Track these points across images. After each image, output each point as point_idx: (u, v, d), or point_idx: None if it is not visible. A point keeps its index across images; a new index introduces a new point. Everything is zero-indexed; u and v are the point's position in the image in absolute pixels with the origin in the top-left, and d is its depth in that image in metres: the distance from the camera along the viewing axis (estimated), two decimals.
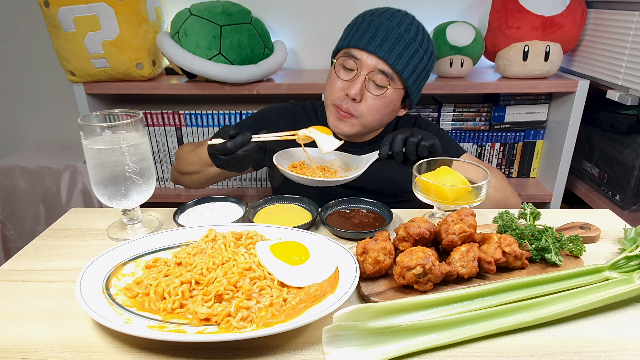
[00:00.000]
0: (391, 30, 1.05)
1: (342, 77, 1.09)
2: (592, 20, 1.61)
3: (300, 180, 0.92)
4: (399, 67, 1.06)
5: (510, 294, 0.66)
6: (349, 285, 0.64)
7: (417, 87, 1.12)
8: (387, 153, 0.92)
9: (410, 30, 1.07)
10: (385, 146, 0.92)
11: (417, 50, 1.07)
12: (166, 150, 1.80)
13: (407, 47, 1.06)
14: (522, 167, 1.90)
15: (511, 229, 0.80)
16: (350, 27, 1.12)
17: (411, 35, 1.06)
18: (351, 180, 0.93)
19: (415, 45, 1.06)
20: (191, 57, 1.50)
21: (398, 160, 0.93)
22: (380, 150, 0.93)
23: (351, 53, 1.07)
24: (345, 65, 1.09)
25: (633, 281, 0.68)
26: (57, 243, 0.86)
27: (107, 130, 0.81)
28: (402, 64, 1.06)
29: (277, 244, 0.74)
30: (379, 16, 1.07)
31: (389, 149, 0.92)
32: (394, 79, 1.07)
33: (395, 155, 0.92)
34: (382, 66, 1.05)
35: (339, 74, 1.10)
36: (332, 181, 0.92)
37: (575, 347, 0.60)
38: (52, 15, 1.48)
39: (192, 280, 0.66)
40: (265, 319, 0.60)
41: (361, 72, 1.06)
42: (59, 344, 0.60)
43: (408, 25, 1.07)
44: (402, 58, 1.05)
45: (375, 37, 1.05)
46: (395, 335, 0.58)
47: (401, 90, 1.10)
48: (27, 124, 2.03)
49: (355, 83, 1.07)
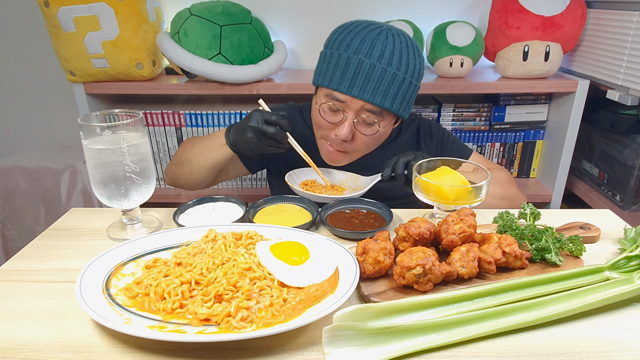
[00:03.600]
0: (373, 69, 0.97)
1: (329, 120, 1.05)
2: (592, 20, 1.61)
3: (306, 196, 1.00)
4: (387, 105, 1.00)
5: (510, 294, 0.66)
6: (349, 285, 0.64)
7: (408, 108, 1.07)
8: (390, 175, 0.98)
9: (392, 60, 0.98)
10: (387, 169, 0.98)
11: (403, 80, 1.00)
12: (166, 150, 1.80)
13: (393, 82, 0.99)
14: (522, 167, 1.90)
15: (511, 229, 0.80)
16: (327, 62, 1.03)
17: (394, 66, 0.98)
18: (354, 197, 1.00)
19: (401, 75, 0.99)
20: (191, 57, 1.50)
21: (400, 182, 0.98)
22: (383, 172, 0.99)
23: (334, 96, 1.01)
24: (330, 108, 1.03)
25: (633, 281, 0.68)
26: (57, 243, 0.86)
27: (107, 130, 0.81)
28: (389, 101, 1.00)
29: (277, 244, 0.74)
30: (356, 51, 0.98)
31: (391, 171, 0.97)
32: (382, 114, 1.03)
33: (398, 177, 0.97)
34: (369, 107, 1.00)
35: (325, 117, 1.05)
36: (335, 198, 0.99)
37: (575, 347, 0.60)
38: (52, 15, 1.48)
39: (192, 280, 0.66)
40: (265, 319, 0.59)
41: (348, 115, 1.02)
42: (59, 344, 0.60)
43: (390, 55, 0.98)
44: (388, 95, 1.00)
45: (357, 79, 0.98)
46: (396, 336, 0.58)
47: (393, 118, 1.07)
48: (27, 124, 2.03)
49: (344, 125, 1.02)
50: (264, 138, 0.99)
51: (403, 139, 1.23)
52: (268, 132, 0.97)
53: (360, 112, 1.02)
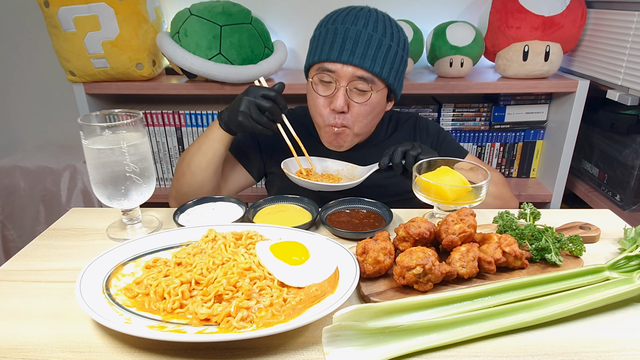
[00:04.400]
0: (359, 35, 1.01)
1: (322, 94, 1.07)
2: (592, 20, 1.61)
3: (303, 184, 0.99)
4: (377, 70, 1.03)
5: (510, 294, 0.66)
6: (349, 285, 0.64)
7: (398, 81, 1.10)
8: (387, 164, 0.98)
9: (377, 28, 1.02)
10: (385, 157, 0.98)
11: (390, 47, 1.03)
12: (166, 150, 1.80)
13: (380, 47, 1.02)
14: (522, 167, 1.90)
15: (511, 229, 0.80)
16: (316, 40, 1.08)
17: (380, 32, 1.02)
18: (351, 186, 0.99)
19: (387, 42, 1.03)
20: (191, 57, 1.50)
21: (397, 171, 0.97)
22: (381, 161, 0.98)
23: (325, 67, 1.04)
24: (322, 79, 1.06)
25: (633, 281, 0.67)
26: (57, 243, 0.86)
27: (107, 130, 0.81)
28: (379, 66, 1.03)
29: (277, 244, 0.74)
30: (342, 22, 1.03)
31: (389, 160, 0.97)
32: (374, 82, 1.04)
33: (395, 166, 0.96)
34: (360, 73, 1.02)
35: (318, 91, 1.07)
36: (333, 186, 0.99)
37: (575, 347, 0.60)
38: (52, 15, 1.48)
39: (192, 280, 0.66)
40: (265, 319, 0.59)
41: (340, 84, 1.03)
42: (59, 344, 0.60)
43: (374, 23, 1.02)
44: (377, 59, 1.02)
45: (345, 45, 1.01)
46: (395, 336, 0.58)
47: (384, 90, 1.09)
48: (27, 124, 2.03)
49: (338, 96, 1.04)
50: (257, 113, 0.98)
51: (399, 135, 1.23)
52: (263, 106, 0.98)
53: (352, 80, 1.03)
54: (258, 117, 0.98)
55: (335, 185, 0.99)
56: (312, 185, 0.99)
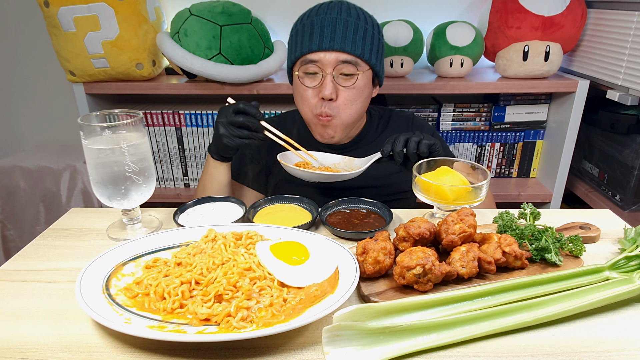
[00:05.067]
0: (335, 21, 1.04)
1: (309, 85, 1.08)
2: (592, 20, 1.61)
3: (302, 174, 0.96)
4: (359, 51, 1.05)
5: (510, 294, 0.66)
6: (349, 285, 0.64)
7: (380, 62, 1.12)
8: (389, 152, 0.97)
9: (350, 13, 1.06)
10: (387, 145, 0.97)
11: (366, 30, 1.06)
12: (166, 150, 1.80)
13: (357, 30, 1.05)
14: (522, 167, 1.90)
15: (511, 229, 0.80)
16: (294, 37, 1.11)
17: (354, 17, 1.06)
18: (352, 177, 0.97)
19: (362, 25, 1.06)
20: (191, 57, 1.50)
21: (399, 160, 0.96)
22: (383, 149, 0.97)
23: (308, 58, 1.06)
24: (307, 72, 1.07)
25: (633, 281, 0.68)
26: (57, 243, 0.86)
27: (107, 130, 0.81)
28: (360, 47, 1.05)
29: (277, 244, 0.74)
30: (316, 14, 1.07)
31: (390, 148, 0.96)
32: (359, 63, 1.06)
33: (397, 154, 0.95)
34: (344, 56, 1.04)
35: (305, 83, 1.08)
36: (333, 175, 0.96)
37: (575, 347, 0.60)
38: (52, 15, 1.48)
39: (192, 280, 0.66)
40: (265, 319, 0.60)
41: (326, 72, 1.05)
42: (59, 344, 0.60)
43: (347, 10, 1.07)
44: (357, 41, 1.05)
45: (324, 33, 1.04)
46: (395, 335, 0.58)
47: (369, 72, 1.10)
48: (27, 124, 2.03)
49: (325, 83, 1.06)
50: (236, 130, 0.98)
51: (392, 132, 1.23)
52: (238, 122, 0.98)
53: (336, 64, 1.05)
54: (239, 133, 0.98)
55: (334, 175, 0.96)
56: (312, 175, 0.96)
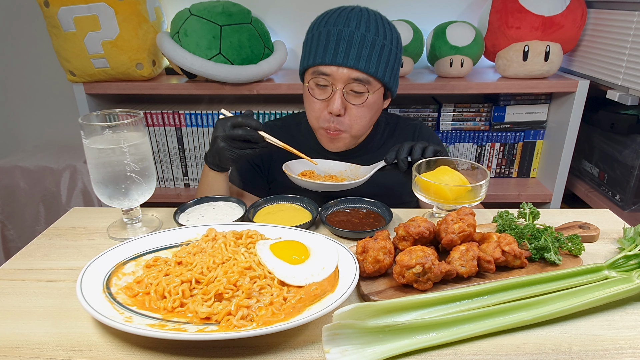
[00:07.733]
0: (352, 36, 1.00)
1: (318, 97, 1.06)
2: (592, 20, 1.61)
3: (306, 184, 0.97)
4: (372, 70, 1.02)
5: (509, 293, 0.66)
6: (349, 284, 0.64)
7: (394, 79, 1.09)
8: (393, 159, 0.97)
9: (370, 27, 1.01)
10: (391, 153, 0.98)
11: (383, 45, 1.02)
12: (166, 150, 1.80)
13: (374, 47, 1.01)
14: (522, 167, 1.90)
15: (510, 228, 0.80)
16: (309, 43, 1.07)
17: (372, 32, 1.01)
18: (355, 186, 0.98)
19: (381, 41, 1.02)
20: (191, 57, 1.50)
21: (403, 168, 0.97)
22: (387, 156, 0.98)
23: (320, 70, 1.03)
24: (318, 83, 1.05)
25: (632, 280, 0.68)
26: (57, 242, 0.86)
27: (108, 129, 0.81)
28: (374, 66, 1.02)
29: (277, 243, 0.74)
30: (334, 24, 1.02)
31: (395, 156, 0.97)
32: (370, 82, 1.03)
33: (401, 162, 0.96)
34: (356, 74, 1.01)
35: (314, 95, 1.07)
36: (336, 185, 0.97)
37: (574, 346, 0.60)
38: (52, 15, 1.48)
39: (192, 279, 0.66)
40: (266, 317, 0.60)
41: (337, 87, 1.03)
42: (60, 342, 0.61)
43: (367, 23, 1.02)
44: (372, 60, 1.02)
45: (339, 47, 1.01)
46: (395, 334, 0.58)
47: (381, 89, 1.08)
48: (27, 124, 2.04)
49: (334, 99, 1.04)
50: (236, 142, 0.98)
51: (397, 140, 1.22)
52: (237, 135, 0.96)
53: (347, 82, 1.03)
54: (240, 145, 0.98)
55: (337, 184, 0.97)
56: (315, 185, 0.97)
